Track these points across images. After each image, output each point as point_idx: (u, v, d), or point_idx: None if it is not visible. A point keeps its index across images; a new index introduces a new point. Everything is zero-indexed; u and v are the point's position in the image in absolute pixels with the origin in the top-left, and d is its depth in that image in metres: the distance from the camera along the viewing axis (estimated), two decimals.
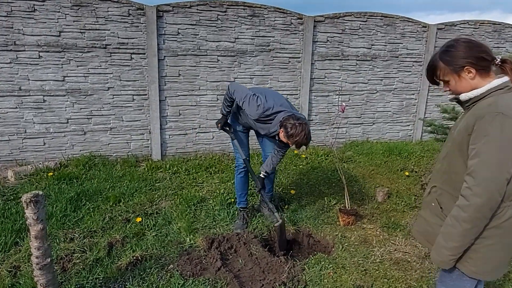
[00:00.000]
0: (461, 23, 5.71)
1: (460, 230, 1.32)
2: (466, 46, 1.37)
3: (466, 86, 1.39)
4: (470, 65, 1.35)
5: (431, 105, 5.90)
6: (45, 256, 1.91)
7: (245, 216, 3.11)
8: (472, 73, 1.36)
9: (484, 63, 1.35)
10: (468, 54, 1.36)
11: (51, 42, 4.09)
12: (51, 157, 4.37)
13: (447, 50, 1.41)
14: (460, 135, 1.38)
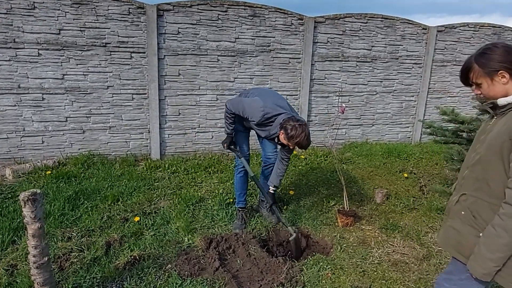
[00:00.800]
0: (461, 26, 5.71)
1: (508, 240, 1.27)
2: (503, 50, 1.36)
3: (498, 91, 1.38)
4: (505, 70, 1.34)
5: (430, 107, 5.90)
6: (43, 254, 1.90)
7: (243, 216, 3.11)
8: (506, 78, 1.35)
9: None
10: (504, 59, 1.35)
11: (51, 40, 4.08)
12: (49, 155, 4.35)
13: (483, 52, 1.40)
14: (498, 140, 1.33)
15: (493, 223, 1.31)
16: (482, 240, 1.34)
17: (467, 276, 1.43)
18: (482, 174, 1.41)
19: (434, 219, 3.30)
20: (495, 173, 1.35)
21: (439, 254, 2.74)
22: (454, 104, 6.05)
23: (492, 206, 1.35)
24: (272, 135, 2.76)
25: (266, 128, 2.76)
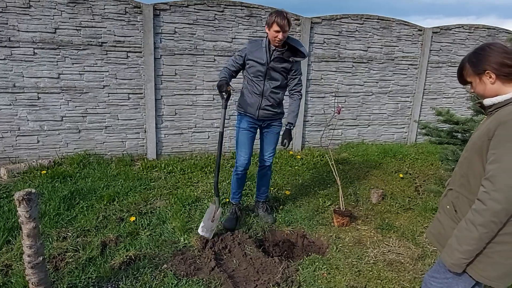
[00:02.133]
0: (456, 27, 5.76)
1: (476, 234, 1.32)
2: (494, 51, 1.39)
3: (486, 90, 1.42)
4: (491, 70, 1.37)
5: (426, 107, 5.94)
6: (37, 254, 1.89)
7: (236, 211, 3.14)
8: (492, 78, 1.38)
9: (508, 70, 1.36)
10: (493, 60, 1.37)
11: (46, 39, 4.05)
12: (45, 155, 4.33)
13: (476, 52, 1.44)
14: (480, 139, 1.38)
15: (466, 218, 1.37)
16: (455, 233, 1.40)
17: (452, 275, 1.46)
18: (466, 171, 1.47)
19: (429, 219, 3.32)
20: (475, 171, 1.41)
21: (434, 254, 2.76)
22: (449, 105, 6.09)
23: (470, 202, 1.41)
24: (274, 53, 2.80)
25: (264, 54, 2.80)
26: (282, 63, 2.82)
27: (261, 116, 2.96)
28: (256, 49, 2.81)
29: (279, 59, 2.80)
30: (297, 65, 2.91)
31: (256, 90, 2.89)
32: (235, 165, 3.12)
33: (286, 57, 2.81)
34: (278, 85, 2.90)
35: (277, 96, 2.94)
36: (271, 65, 2.81)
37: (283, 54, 2.80)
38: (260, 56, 2.80)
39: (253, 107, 2.93)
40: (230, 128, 4.87)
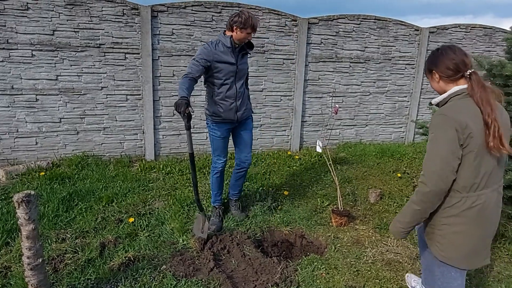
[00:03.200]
0: (452, 27, 5.78)
1: (411, 210, 1.61)
2: (441, 53, 1.58)
3: (435, 87, 1.65)
4: (436, 71, 1.59)
5: (423, 107, 5.96)
6: (37, 256, 1.89)
7: (220, 213, 3.17)
8: (437, 78, 1.60)
9: (449, 72, 1.55)
10: (440, 62, 1.57)
11: (44, 41, 4.05)
12: (43, 156, 4.33)
13: (432, 52, 1.65)
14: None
15: (411, 197, 1.65)
16: (402, 208, 1.71)
17: (432, 259, 1.67)
18: None
19: None
20: None
21: None
22: None
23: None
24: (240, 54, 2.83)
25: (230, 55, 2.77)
26: (243, 58, 2.89)
27: (240, 118, 2.97)
28: (222, 52, 2.74)
29: (242, 55, 2.86)
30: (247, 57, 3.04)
31: (230, 93, 2.84)
32: (212, 167, 3.12)
33: (244, 51, 2.89)
34: (244, 81, 2.98)
35: (246, 93, 3.00)
36: (239, 64, 2.83)
37: (242, 48, 2.87)
38: (228, 58, 2.76)
39: (231, 112, 2.88)
40: None
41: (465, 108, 1.49)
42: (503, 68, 2.85)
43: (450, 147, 1.45)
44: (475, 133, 1.45)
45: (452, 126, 1.45)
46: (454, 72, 1.53)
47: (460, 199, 1.52)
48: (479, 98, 1.47)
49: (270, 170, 4.44)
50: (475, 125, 1.45)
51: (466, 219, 1.53)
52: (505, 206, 2.84)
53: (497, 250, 2.85)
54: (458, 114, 1.46)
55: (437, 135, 1.49)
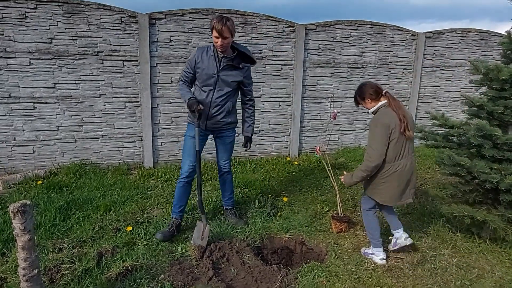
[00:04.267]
0: (448, 32, 5.82)
1: (361, 175, 2.59)
2: (364, 87, 2.63)
3: (368, 106, 2.63)
4: (367, 97, 2.60)
5: (421, 111, 5.97)
6: (32, 267, 1.87)
7: (173, 227, 2.93)
8: (369, 100, 2.61)
9: (373, 96, 2.58)
10: (365, 92, 2.61)
11: (42, 49, 4.06)
12: (40, 165, 4.30)
13: (359, 88, 2.67)
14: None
15: (359, 167, 2.60)
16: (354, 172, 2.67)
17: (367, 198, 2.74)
18: None
19: (428, 223, 3.32)
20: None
21: (433, 259, 2.76)
22: (444, 108, 6.13)
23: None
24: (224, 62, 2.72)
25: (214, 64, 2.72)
26: (232, 70, 2.75)
27: (209, 127, 2.88)
28: (206, 57, 2.72)
29: (229, 67, 2.73)
30: (247, 72, 2.87)
31: (204, 100, 2.76)
32: (180, 173, 3.02)
33: (236, 64, 2.74)
34: (228, 93, 2.81)
35: (227, 105, 2.84)
36: (222, 74, 2.72)
37: (233, 61, 2.72)
38: (210, 65, 2.71)
39: (200, 118, 2.77)
40: None
41: (388, 114, 2.51)
42: (500, 72, 2.85)
43: (383, 139, 2.46)
44: (395, 127, 2.45)
45: (382, 126, 2.46)
46: (376, 95, 2.57)
47: (391, 167, 2.53)
48: (394, 106, 2.52)
49: (269, 176, 4.42)
50: (394, 123, 2.46)
51: (392, 177, 2.54)
52: (505, 210, 2.83)
53: (498, 254, 2.83)
54: (385, 119, 2.49)
55: (375, 132, 2.49)
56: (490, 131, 2.68)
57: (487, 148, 2.80)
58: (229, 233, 3.05)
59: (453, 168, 2.95)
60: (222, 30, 2.52)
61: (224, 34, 2.54)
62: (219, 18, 2.54)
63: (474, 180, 2.99)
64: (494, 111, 2.95)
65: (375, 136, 2.48)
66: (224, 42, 2.58)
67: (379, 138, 2.46)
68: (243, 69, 2.81)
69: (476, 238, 3.01)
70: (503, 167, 2.77)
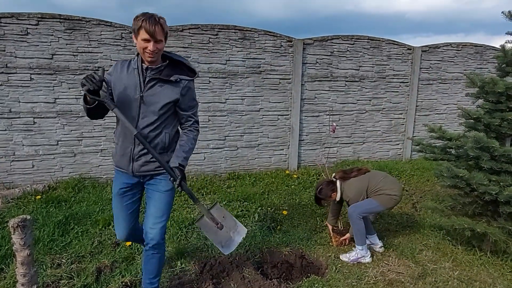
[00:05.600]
0: (444, 45, 5.91)
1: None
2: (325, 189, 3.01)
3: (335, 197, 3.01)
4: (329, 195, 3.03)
5: (418, 124, 6.01)
6: (31, 283, 1.85)
7: None
8: (333, 195, 3.02)
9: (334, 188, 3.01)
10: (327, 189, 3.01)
11: (43, 65, 4.10)
12: (39, 179, 4.29)
13: (320, 190, 3.04)
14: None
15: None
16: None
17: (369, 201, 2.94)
18: None
19: (428, 236, 3.31)
20: None
21: (434, 272, 2.74)
22: (441, 121, 6.18)
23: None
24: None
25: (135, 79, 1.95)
26: (161, 86, 1.96)
27: (137, 171, 2.04)
28: (125, 72, 1.98)
29: (156, 81, 1.95)
30: (187, 89, 2.02)
31: (125, 132, 2.00)
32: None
33: (165, 76, 1.95)
34: (159, 121, 1.99)
35: (160, 139, 2.01)
36: (146, 94, 1.94)
37: (161, 73, 1.96)
38: (130, 82, 1.95)
39: (123, 159, 2.04)
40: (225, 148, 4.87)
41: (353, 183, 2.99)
42: (495, 85, 2.89)
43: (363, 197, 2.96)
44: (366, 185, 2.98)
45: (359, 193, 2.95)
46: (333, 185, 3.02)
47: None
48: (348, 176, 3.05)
49: (268, 189, 4.42)
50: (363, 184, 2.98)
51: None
52: (505, 222, 2.83)
53: (499, 267, 2.81)
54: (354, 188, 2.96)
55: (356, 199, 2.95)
56: (487, 143, 2.70)
57: (485, 160, 2.82)
58: None
59: (452, 180, 2.96)
60: (155, 30, 1.82)
61: (157, 36, 1.84)
62: (148, 16, 1.84)
63: (473, 192, 3.00)
64: (491, 123, 2.98)
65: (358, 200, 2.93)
66: (156, 46, 1.86)
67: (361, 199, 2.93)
68: (179, 84, 1.99)
69: (477, 250, 3.00)
70: (502, 179, 2.78)
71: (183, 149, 2.03)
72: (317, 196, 3.04)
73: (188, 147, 2.06)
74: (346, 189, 2.96)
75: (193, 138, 2.10)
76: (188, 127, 2.11)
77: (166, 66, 2.00)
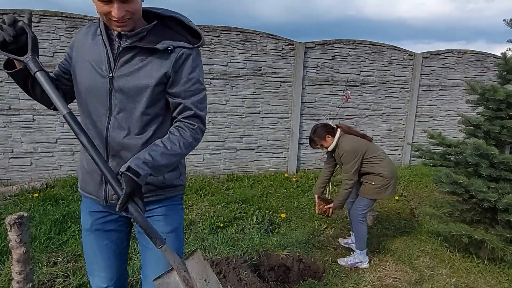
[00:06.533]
0: (445, 52, 5.93)
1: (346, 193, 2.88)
2: (321, 128, 2.82)
3: (329, 143, 2.84)
4: (326, 136, 2.82)
5: (418, 130, 6.02)
6: (27, 281, 1.83)
7: None
8: (329, 138, 2.83)
9: (330, 133, 2.81)
10: (323, 132, 2.81)
11: (44, 63, 4.09)
12: (37, 177, 4.28)
13: (315, 131, 2.85)
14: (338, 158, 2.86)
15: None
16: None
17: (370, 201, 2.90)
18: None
19: (426, 242, 3.30)
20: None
21: (431, 279, 2.73)
22: (441, 127, 6.19)
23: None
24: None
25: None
26: (142, 60, 1.20)
27: (112, 199, 1.29)
28: (89, 41, 1.26)
29: (134, 52, 1.21)
30: (181, 61, 1.23)
31: (94, 136, 1.26)
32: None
33: (149, 44, 1.19)
34: (147, 118, 1.24)
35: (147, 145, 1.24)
36: (119, 74, 1.21)
37: (142, 40, 1.21)
38: (94, 56, 1.23)
39: (92, 180, 1.32)
40: (228, 146, 4.86)
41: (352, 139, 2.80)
42: (496, 92, 2.90)
43: (357, 162, 2.74)
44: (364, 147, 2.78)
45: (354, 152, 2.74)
46: (333, 131, 2.83)
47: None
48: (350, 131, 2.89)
49: (267, 192, 4.41)
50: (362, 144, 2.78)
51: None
52: (502, 229, 2.82)
53: (496, 275, 2.81)
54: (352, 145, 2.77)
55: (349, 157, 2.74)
56: (487, 150, 2.71)
57: (484, 167, 2.82)
58: (226, 250, 3.02)
59: (450, 186, 2.96)
60: None
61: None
62: None
63: (471, 199, 2.99)
64: (490, 130, 2.99)
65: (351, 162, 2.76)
66: (126, 9, 1.12)
67: (354, 163, 2.75)
68: (170, 55, 1.21)
69: (474, 257, 2.99)
70: (500, 186, 2.78)
71: (153, 149, 1.18)
72: (311, 137, 2.87)
73: (164, 149, 1.18)
74: (344, 142, 2.77)
75: (183, 138, 1.22)
76: (181, 120, 1.25)
77: (151, 29, 1.22)
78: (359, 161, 2.73)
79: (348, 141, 2.76)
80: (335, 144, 2.80)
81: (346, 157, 2.72)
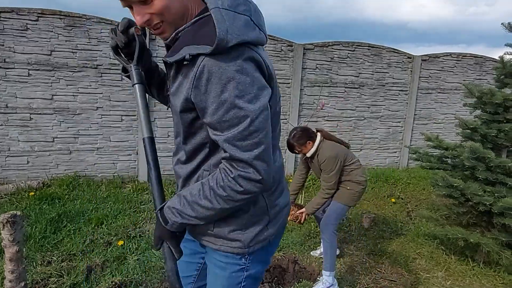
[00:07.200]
0: (444, 55, 5.94)
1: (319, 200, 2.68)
2: (301, 134, 2.63)
3: (308, 149, 2.66)
4: (308, 140, 2.64)
5: (416, 133, 6.02)
6: (19, 280, 1.82)
7: None
8: (308, 144, 2.65)
9: (312, 138, 2.64)
10: (303, 134, 2.63)
11: (42, 61, 4.09)
12: (34, 176, 4.27)
13: (294, 135, 2.64)
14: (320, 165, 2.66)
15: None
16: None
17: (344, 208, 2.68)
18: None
19: (422, 245, 3.30)
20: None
21: (427, 282, 2.72)
22: (439, 130, 6.19)
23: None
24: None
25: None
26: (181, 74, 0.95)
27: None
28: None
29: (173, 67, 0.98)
30: (199, 75, 0.88)
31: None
32: None
33: (168, 56, 0.96)
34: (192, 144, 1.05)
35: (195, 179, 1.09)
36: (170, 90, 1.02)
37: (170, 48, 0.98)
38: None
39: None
40: None
41: (332, 146, 2.66)
42: (493, 96, 2.90)
43: (338, 169, 2.60)
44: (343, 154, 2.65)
45: (335, 159, 2.59)
46: (314, 136, 2.65)
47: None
48: (329, 137, 2.74)
49: None
50: (341, 151, 2.64)
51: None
52: (498, 233, 2.82)
53: (492, 278, 2.81)
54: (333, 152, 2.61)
55: (330, 164, 2.59)
56: (483, 154, 2.70)
57: (481, 171, 2.82)
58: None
59: (447, 189, 2.96)
60: None
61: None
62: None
63: (468, 202, 2.99)
64: (487, 134, 2.99)
65: (331, 169, 2.60)
66: (146, 12, 0.93)
67: (336, 172, 2.60)
68: (191, 69, 0.90)
69: (470, 261, 2.99)
70: (497, 190, 2.78)
71: (187, 193, 1.00)
72: (290, 142, 2.64)
73: (197, 198, 0.98)
74: (324, 147, 2.60)
75: (216, 188, 0.95)
76: (222, 162, 0.97)
77: (185, 32, 0.95)
78: (340, 169, 2.60)
79: (328, 147, 2.62)
80: (314, 150, 2.63)
81: (327, 164, 2.57)
